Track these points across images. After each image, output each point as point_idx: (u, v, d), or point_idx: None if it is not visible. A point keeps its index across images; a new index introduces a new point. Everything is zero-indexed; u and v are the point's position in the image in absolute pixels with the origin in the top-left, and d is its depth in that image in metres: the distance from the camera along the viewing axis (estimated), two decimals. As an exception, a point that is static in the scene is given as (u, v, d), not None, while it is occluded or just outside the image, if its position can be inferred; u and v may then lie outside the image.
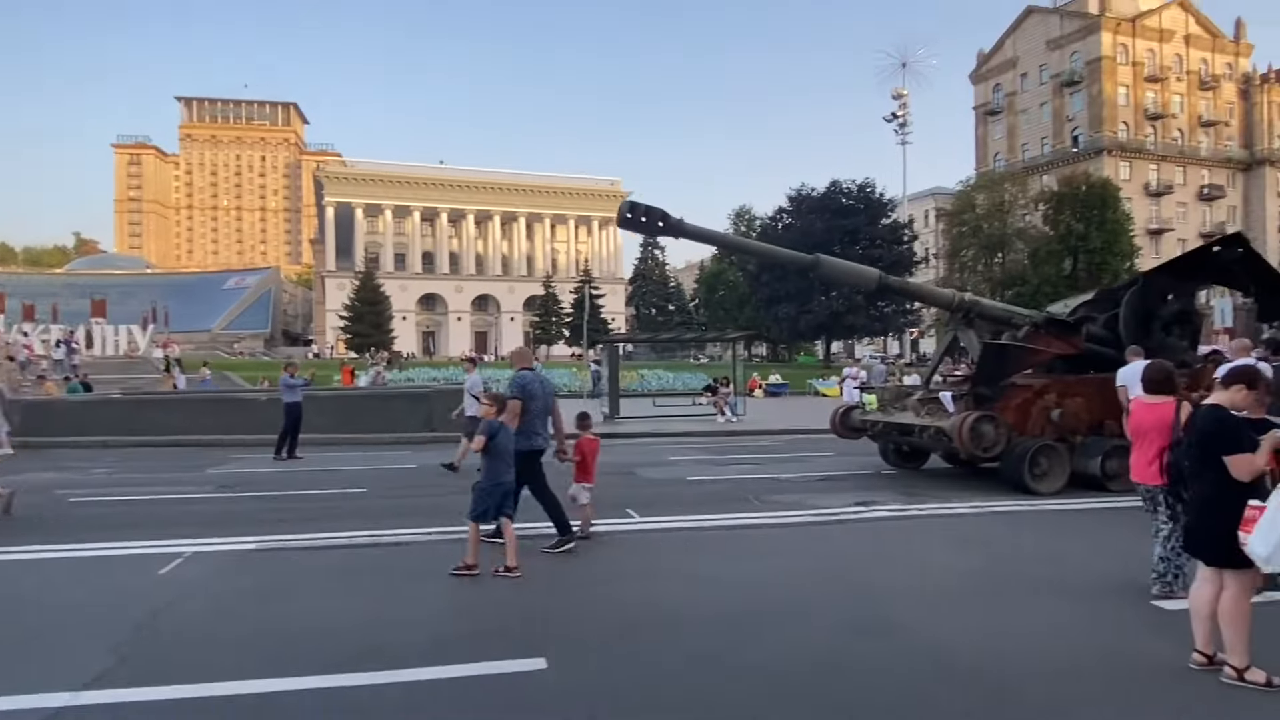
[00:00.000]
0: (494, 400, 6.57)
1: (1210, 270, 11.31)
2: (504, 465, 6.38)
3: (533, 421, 7.16)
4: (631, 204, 10.01)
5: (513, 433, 6.65)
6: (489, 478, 6.33)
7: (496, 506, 6.31)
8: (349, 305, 69.20)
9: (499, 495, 6.33)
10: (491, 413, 6.44)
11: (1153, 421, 5.60)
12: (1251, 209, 75.36)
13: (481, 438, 6.29)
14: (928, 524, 8.31)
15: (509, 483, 6.45)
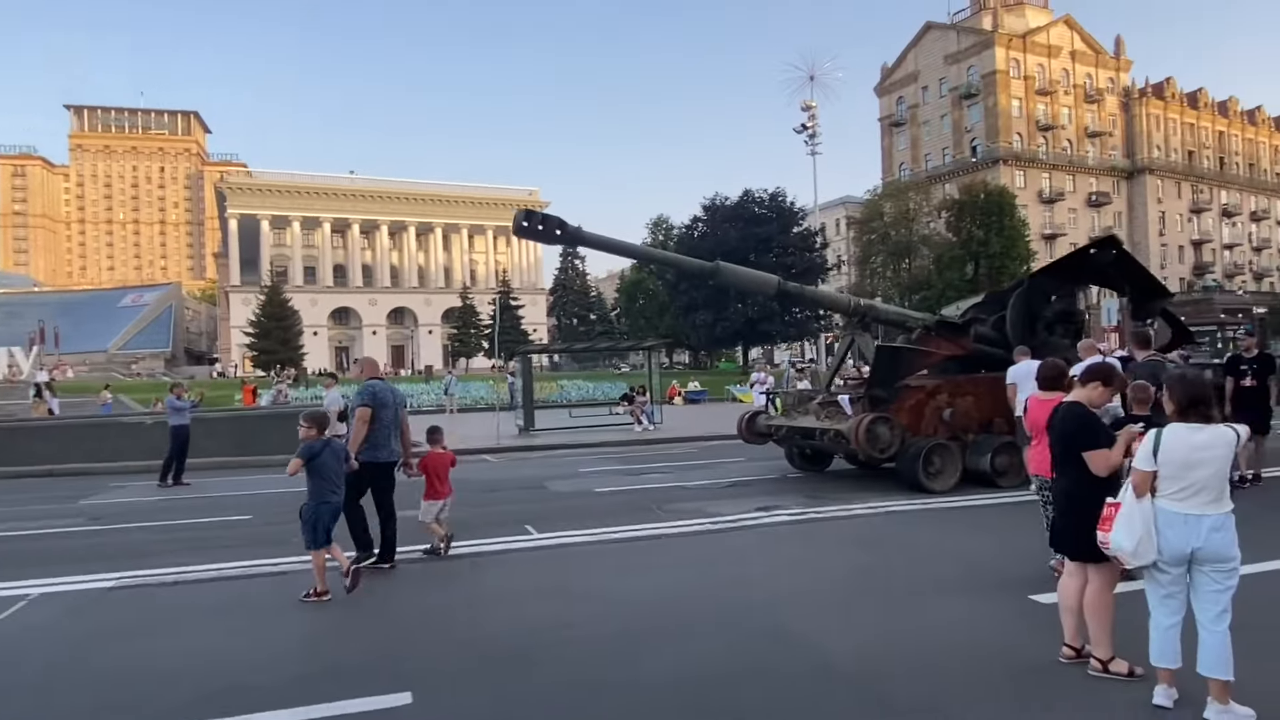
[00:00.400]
0: (313, 421, 6.32)
1: (1089, 272, 11.84)
2: (328, 485, 6.20)
3: (380, 433, 6.93)
4: (527, 212, 9.82)
5: (340, 452, 6.44)
6: (314, 499, 6.16)
7: (327, 528, 6.14)
8: (254, 321, 66.43)
9: (328, 516, 6.17)
10: (313, 435, 6.22)
11: (1041, 418, 5.70)
12: (1135, 214, 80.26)
13: (297, 460, 6.11)
14: (825, 527, 8.35)
15: (336, 503, 6.27)
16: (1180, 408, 3.93)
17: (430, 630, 5.44)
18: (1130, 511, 4.00)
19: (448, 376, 36.04)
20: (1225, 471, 3.83)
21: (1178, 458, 3.84)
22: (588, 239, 10.23)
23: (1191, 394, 3.90)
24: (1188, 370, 4.17)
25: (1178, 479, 3.86)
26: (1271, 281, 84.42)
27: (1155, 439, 3.94)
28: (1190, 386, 3.93)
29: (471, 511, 10.02)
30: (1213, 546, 3.77)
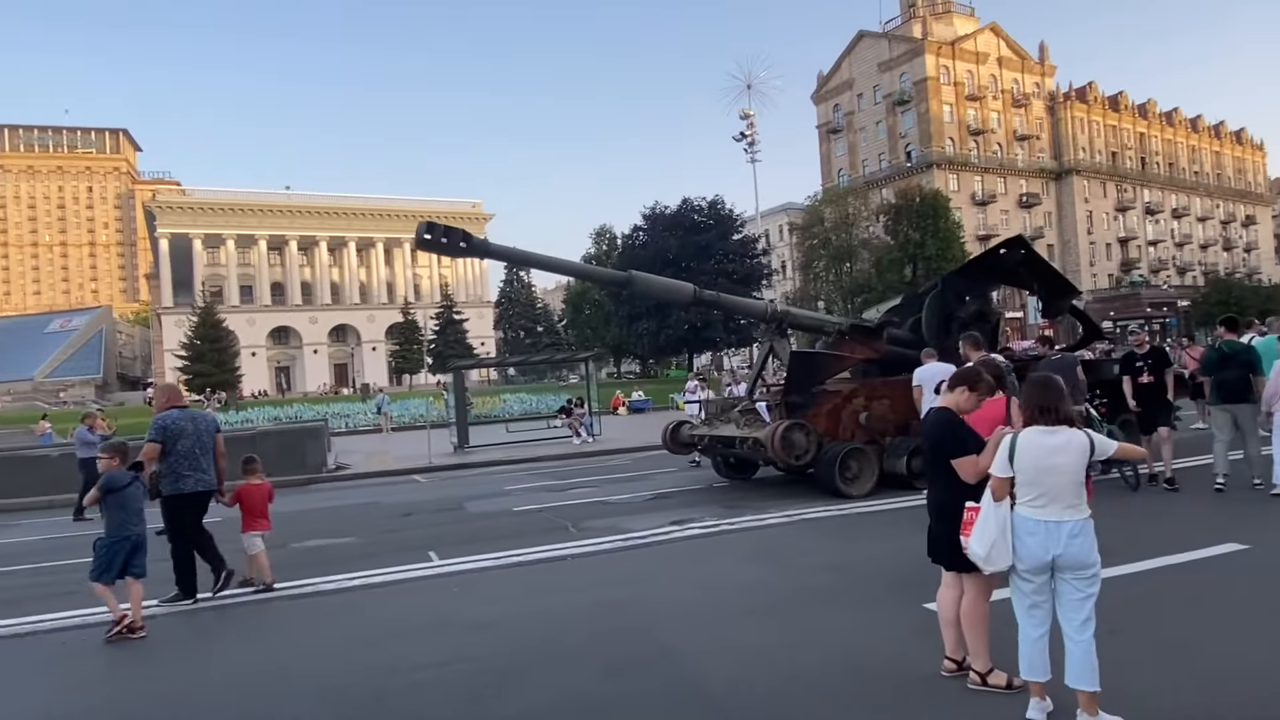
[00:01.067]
0: (114, 451, 6.21)
1: (1000, 272, 11.98)
2: (128, 518, 6.02)
3: (180, 463, 6.67)
4: (429, 224, 9.52)
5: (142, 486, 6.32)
6: (112, 532, 5.97)
7: (123, 563, 5.92)
8: (186, 344, 64.28)
9: (125, 551, 5.94)
10: (114, 464, 6.10)
11: (985, 418, 5.45)
12: (1064, 213, 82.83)
13: (95, 492, 6.04)
14: (736, 538, 8.18)
15: (137, 536, 6.06)
16: (1032, 412, 3.84)
17: (274, 677, 5.07)
18: (986, 515, 3.91)
19: (379, 395, 35.25)
20: (1080, 477, 3.75)
21: (1031, 462, 3.75)
22: (494, 251, 9.97)
23: (1042, 399, 3.81)
24: (1039, 375, 4.08)
25: (1034, 485, 3.76)
26: (1194, 275, 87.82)
27: (1010, 444, 3.84)
28: (1041, 391, 3.84)
29: (380, 538, 9.65)
30: (1072, 553, 3.67)
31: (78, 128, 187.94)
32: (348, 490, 16.15)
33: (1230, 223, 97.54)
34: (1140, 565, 6.10)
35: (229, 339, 68.60)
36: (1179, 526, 7.25)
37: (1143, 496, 9.16)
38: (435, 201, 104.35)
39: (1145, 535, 7.05)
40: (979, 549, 3.90)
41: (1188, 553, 6.36)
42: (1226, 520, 7.52)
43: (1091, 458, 3.73)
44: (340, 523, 11.03)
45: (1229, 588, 5.61)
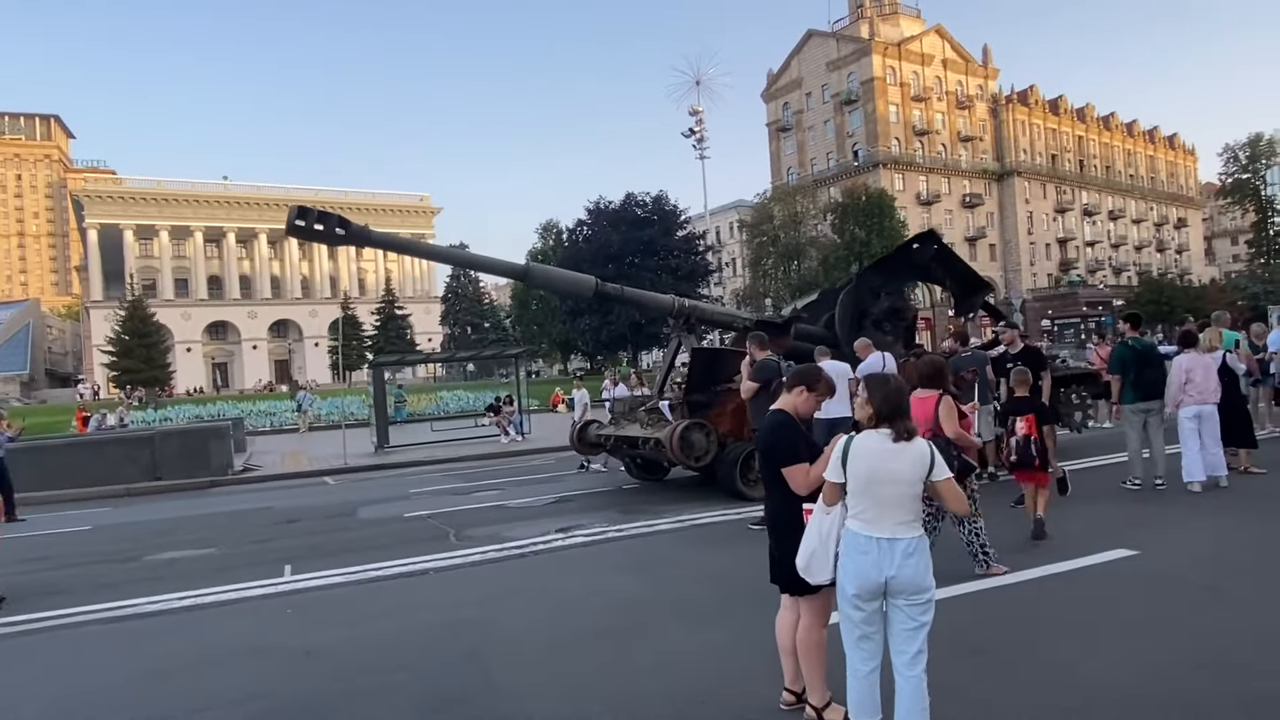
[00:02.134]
0: None
1: (913, 268, 11.71)
2: None
3: None
4: (301, 209, 8.82)
5: None
6: None
7: None
8: (113, 339, 61.73)
9: None
10: None
11: (921, 416, 5.53)
12: (1006, 214, 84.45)
13: None
14: (619, 547, 7.68)
15: None
16: (878, 414, 3.40)
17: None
18: (814, 521, 3.48)
19: (300, 393, 34.05)
20: (918, 490, 3.32)
21: (864, 469, 3.31)
22: (376, 240, 9.32)
23: (893, 402, 3.38)
24: (879, 375, 3.64)
25: (865, 494, 3.33)
26: (1129, 276, 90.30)
27: (844, 447, 3.40)
28: (891, 393, 3.41)
29: (246, 549, 8.94)
30: (906, 575, 3.24)
31: (5, 113, 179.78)
32: (248, 494, 15.28)
33: (1163, 225, 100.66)
34: (1020, 576, 5.76)
35: (159, 334, 66.06)
36: (1068, 532, 6.96)
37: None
38: (381, 194, 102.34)
39: (1030, 542, 6.74)
40: (799, 557, 3.48)
41: (1072, 561, 6.05)
42: (1118, 524, 7.26)
43: (929, 476, 3.31)
44: (213, 531, 10.25)
45: (1110, 600, 5.29)
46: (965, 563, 5.88)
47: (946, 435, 5.67)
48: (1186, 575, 5.68)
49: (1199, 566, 5.90)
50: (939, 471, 3.32)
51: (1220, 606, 5.01)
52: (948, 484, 3.36)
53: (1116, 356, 9.29)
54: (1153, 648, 4.41)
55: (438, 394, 37.55)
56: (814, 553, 3.43)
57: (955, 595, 5.29)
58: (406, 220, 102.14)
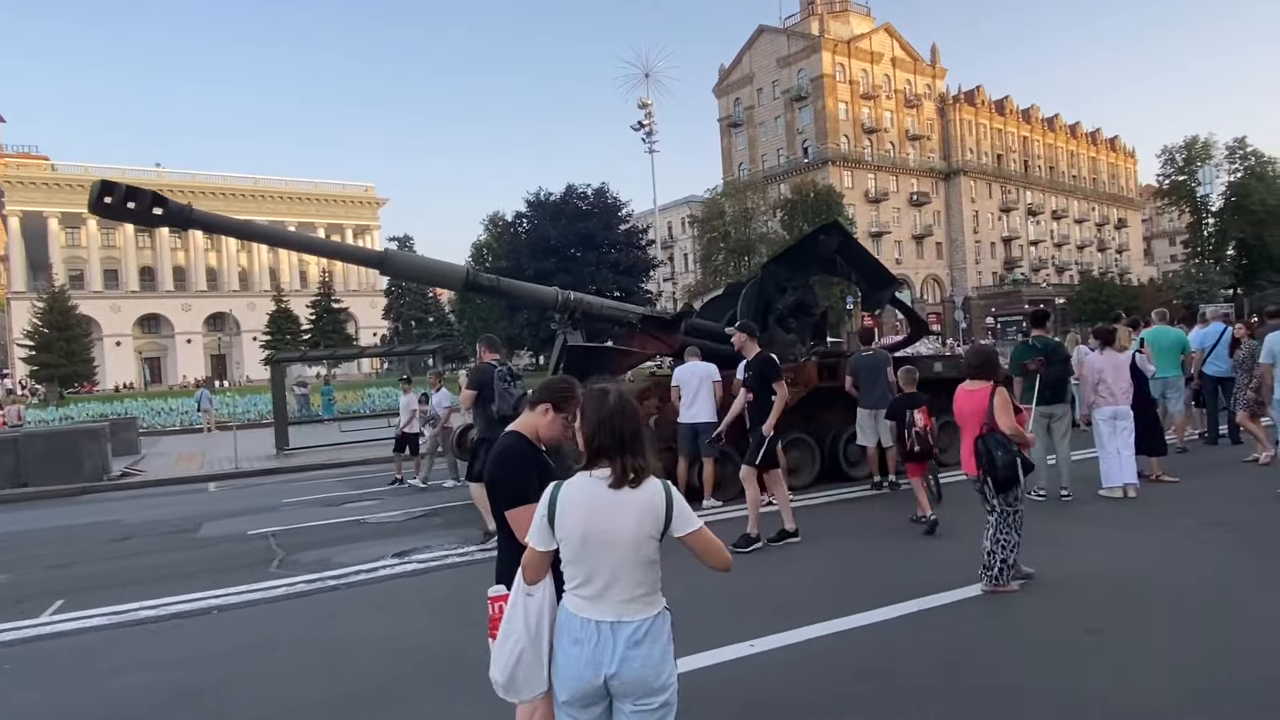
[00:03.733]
0: None
1: (820, 260, 10.93)
2: None
3: None
4: (105, 184, 7.64)
5: None
6: None
7: None
8: (30, 332, 58.68)
9: None
10: None
11: (971, 408, 5.29)
12: (952, 213, 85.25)
13: None
14: (444, 578, 6.68)
15: None
16: (590, 446, 2.50)
17: None
18: (511, 612, 2.55)
19: (200, 391, 32.33)
20: (650, 553, 2.42)
21: (578, 526, 2.40)
22: (200, 220, 8.17)
23: (613, 429, 2.44)
24: (601, 387, 2.66)
25: (581, 562, 2.41)
26: (1071, 274, 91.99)
27: (551, 497, 2.48)
28: (610, 415, 2.46)
29: (34, 576, 7.74)
30: (631, 672, 2.33)
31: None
32: (114, 503, 13.94)
33: (1105, 225, 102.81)
34: (860, 618, 4.92)
35: (81, 327, 63.04)
36: (934, 558, 6.20)
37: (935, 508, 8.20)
38: (325, 183, 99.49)
39: (884, 572, 5.95)
40: (494, 667, 2.54)
41: (926, 598, 5.24)
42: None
43: (666, 531, 2.41)
44: (23, 553, 9.02)
45: (968, 643, 4.49)
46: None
47: (1003, 431, 5.08)
48: (1067, 614, 4.91)
49: (1084, 599, 5.14)
50: (681, 524, 2.41)
51: (1096, 657, 4.24)
52: (700, 537, 2.46)
53: (1016, 357, 8.62)
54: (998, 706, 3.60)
55: (366, 391, 36.02)
56: (518, 659, 2.48)
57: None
58: (351, 211, 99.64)
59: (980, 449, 5.13)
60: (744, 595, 5.45)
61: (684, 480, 8.91)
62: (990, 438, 5.10)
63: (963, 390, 5.51)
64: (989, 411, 5.15)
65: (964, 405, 5.42)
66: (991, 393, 5.21)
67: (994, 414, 5.13)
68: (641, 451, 2.43)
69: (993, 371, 5.44)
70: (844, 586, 5.72)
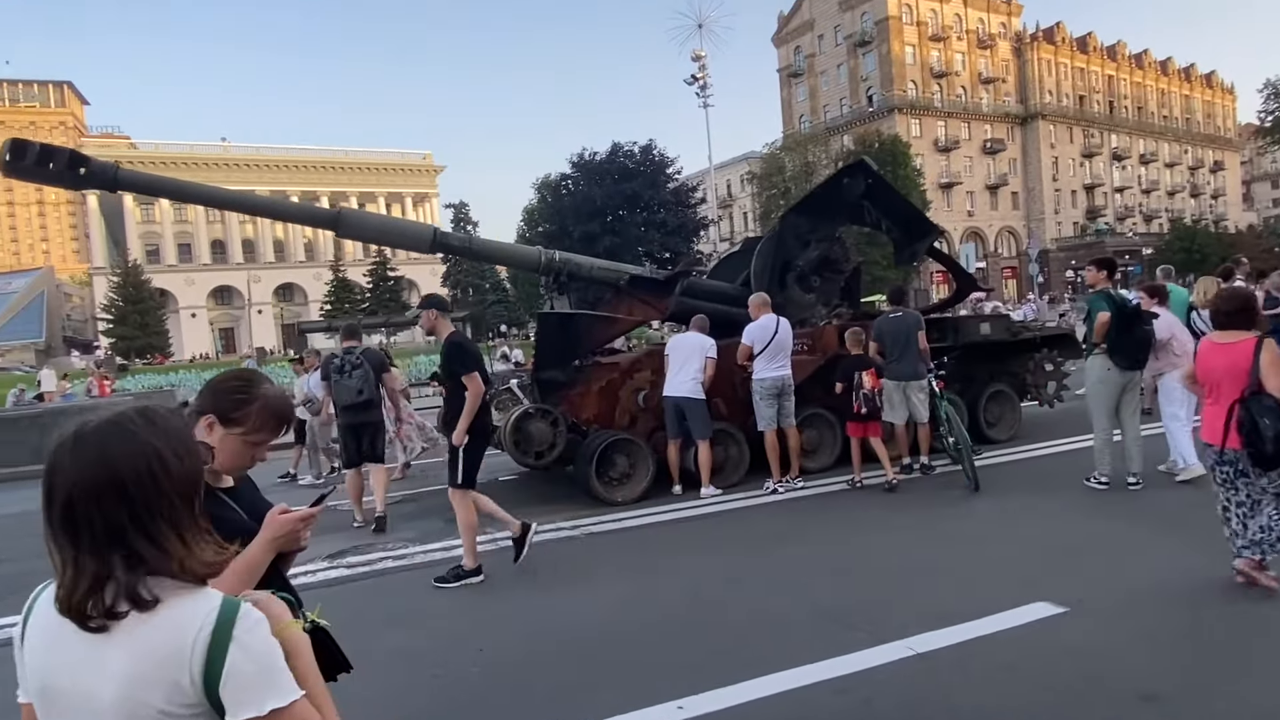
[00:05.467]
0: None
1: (846, 208, 9.50)
2: None
3: None
4: (17, 142, 6.87)
5: None
6: None
7: None
8: (107, 306, 60.99)
9: None
10: None
11: (1225, 367, 4.30)
12: (1029, 160, 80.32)
13: None
14: (371, 589, 5.77)
15: None
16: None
17: None
18: None
19: (247, 361, 32.60)
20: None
21: (36, 677, 1.24)
22: (127, 180, 7.37)
23: (70, 500, 1.17)
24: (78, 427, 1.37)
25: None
26: (1160, 223, 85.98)
27: (26, 610, 1.33)
28: (59, 476, 1.19)
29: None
30: None
31: (19, 80, 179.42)
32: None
33: (1198, 169, 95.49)
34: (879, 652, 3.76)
35: (155, 300, 65.19)
36: (978, 571, 4.96)
37: (969, 505, 6.89)
38: (384, 153, 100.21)
39: (921, 587, 4.74)
40: None
41: (973, 622, 4.05)
42: (1050, 555, 5.22)
43: (213, 700, 1.22)
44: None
45: (1007, 690, 3.30)
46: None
47: (1272, 394, 3.96)
48: (1119, 667, 3.65)
49: (1142, 648, 3.86)
50: (245, 692, 1.16)
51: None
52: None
53: (1094, 310, 7.06)
54: None
55: (413, 359, 35.81)
56: None
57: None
58: (410, 179, 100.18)
59: (1244, 417, 4.01)
60: (693, 628, 4.36)
61: (675, 466, 7.81)
62: (1257, 402, 3.96)
63: (1211, 345, 4.49)
64: (1253, 370, 4.08)
65: (1215, 362, 4.37)
66: (1256, 346, 4.11)
67: (1262, 372, 4.05)
68: (144, 546, 1.19)
69: (1251, 319, 4.40)
70: (864, 607, 4.55)
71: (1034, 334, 9.90)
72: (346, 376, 7.61)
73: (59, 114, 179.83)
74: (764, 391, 7.54)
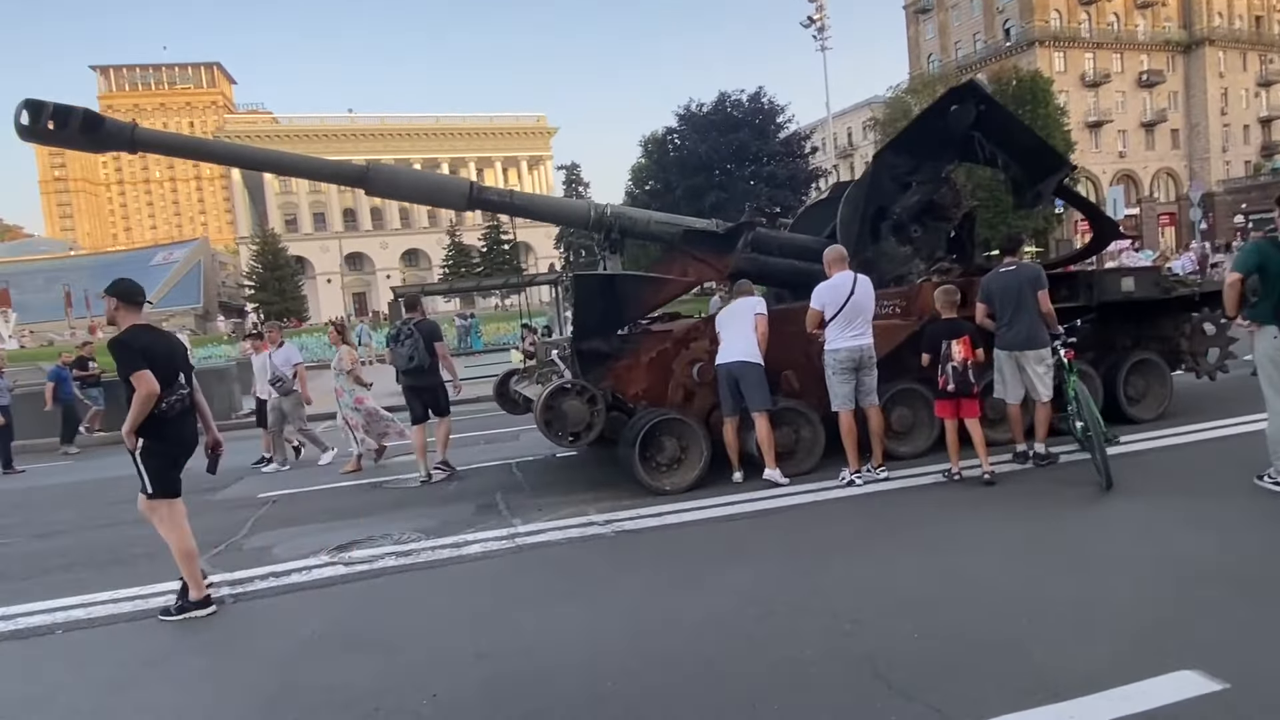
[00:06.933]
0: None
1: (955, 142, 7.93)
2: None
3: None
4: (32, 103, 6.50)
5: None
6: None
7: None
8: (248, 273, 64.93)
9: None
10: None
11: None
12: (1193, 92, 71.69)
13: None
14: (365, 591, 5.05)
15: None
16: None
17: None
18: None
19: (359, 325, 33.46)
20: None
21: None
22: (144, 139, 6.88)
23: None
24: None
25: None
26: (1354, 158, 75.20)
27: None
28: None
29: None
30: None
31: (175, 64, 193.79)
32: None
33: None
34: None
35: (287, 266, 68.84)
36: (1100, 613, 3.69)
37: (1097, 511, 5.45)
38: (499, 117, 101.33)
39: (1017, 635, 3.52)
40: None
41: (1085, 699, 2.86)
42: (1205, 592, 3.83)
43: None
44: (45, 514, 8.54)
45: None
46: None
47: None
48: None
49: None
50: None
51: None
52: None
53: (1243, 261, 5.44)
54: None
55: (513, 324, 35.84)
56: None
57: None
58: (525, 142, 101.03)
59: None
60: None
61: (734, 449, 6.72)
62: None
63: None
64: None
65: None
66: None
67: None
68: None
69: None
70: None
71: (1192, 290, 8.06)
72: (400, 345, 8.32)
73: (210, 94, 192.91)
74: (838, 365, 6.31)
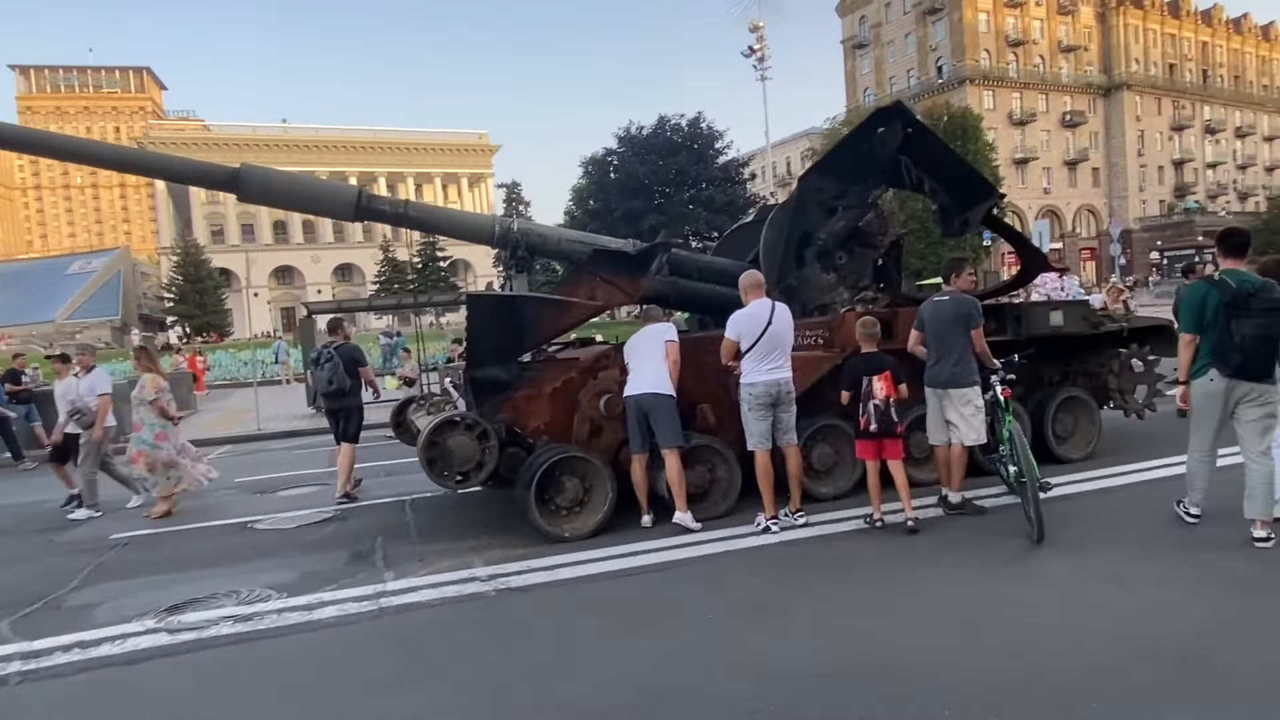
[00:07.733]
0: None
1: (884, 166, 7.58)
2: None
3: None
4: None
5: None
6: None
7: None
8: (167, 285, 62.06)
9: None
10: None
11: None
12: (1112, 133, 75.02)
13: None
14: (179, 668, 4.26)
15: None
16: None
17: None
18: None
19: (278, 342, 31.90)
20: None
21: None
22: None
23: None
24: None
25: None
26: (1256, 201, 79.54)
27: None
28: None
29: None
30: None
31: (102, 67, 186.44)
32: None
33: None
34: None
35: (209, 279, 66.08)
36: (1030, 688, 3.19)
37: (1026, 565, 5.02)
38: (440, 133, 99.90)
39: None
40: None
41: None
42: (1142, 663, 3.36)
43: None
44: None
45: None
46: None
47: None
48: None
49: None
50: None
51: None
52: None
53: (1189, 302, 5.17)
54: None
55: (444, 344, 34.75)
56: None
57: None
58: (466, 159, 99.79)
59: None
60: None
61: (643, 489, 6.11)
62: None
63: None
64: None
65: None
66: None
67: None
68: None
69: None
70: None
71: (1120, 325, 7.84)
72: (319, 368, 8.35)
73: (138, 99, 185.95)
74: (754, 400, 5.78)
